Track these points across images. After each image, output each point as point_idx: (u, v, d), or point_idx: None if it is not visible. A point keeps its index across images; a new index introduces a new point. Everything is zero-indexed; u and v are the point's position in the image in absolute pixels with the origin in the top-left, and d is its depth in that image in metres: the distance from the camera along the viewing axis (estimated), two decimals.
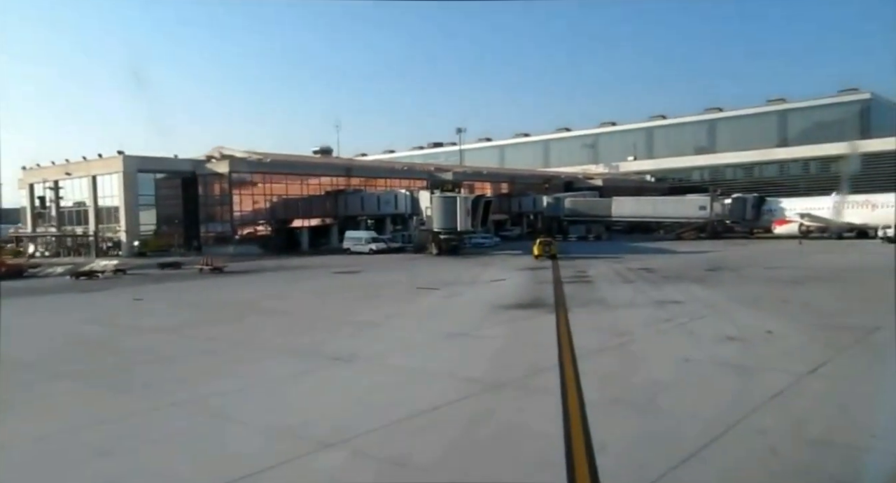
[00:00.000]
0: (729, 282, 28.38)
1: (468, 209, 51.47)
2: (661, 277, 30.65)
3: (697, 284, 27.20)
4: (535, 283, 30.16)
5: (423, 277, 35.15)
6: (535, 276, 33.88)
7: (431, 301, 24.26)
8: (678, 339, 15.90)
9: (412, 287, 29.18)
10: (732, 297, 23.05)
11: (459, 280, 32.34)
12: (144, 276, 40.87)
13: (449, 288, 28.77)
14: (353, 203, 71.28)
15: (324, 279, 35.41)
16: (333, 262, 48.14)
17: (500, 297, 24.61)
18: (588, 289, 26.98)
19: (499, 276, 33.62)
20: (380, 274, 38.21)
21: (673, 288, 26.33)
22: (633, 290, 26.24)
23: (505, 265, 41.97)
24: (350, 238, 61.30)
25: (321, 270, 40.98)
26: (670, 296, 23.73)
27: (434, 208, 53.25)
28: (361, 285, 31.37)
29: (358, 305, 23.86)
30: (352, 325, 19.40)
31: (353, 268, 42.21)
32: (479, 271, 37.70)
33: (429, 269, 40.85)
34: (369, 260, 50.39)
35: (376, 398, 11.29)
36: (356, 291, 28.61)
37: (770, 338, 15.56)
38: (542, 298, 24.33)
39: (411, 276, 36.06)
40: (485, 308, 21.83)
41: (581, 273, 34.16)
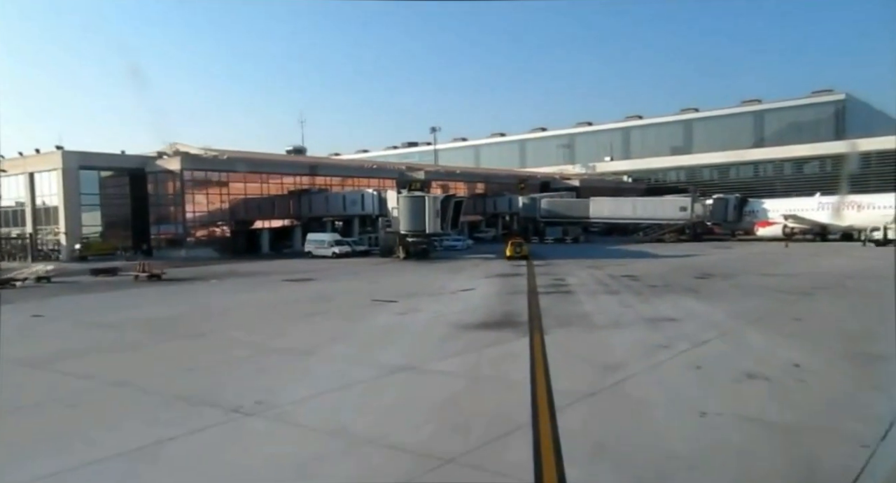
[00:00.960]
0: (725, 292, 25.14)
1: (437, 210, 47.74)
2: (648, 286, 27.35)
3: (690, 296, 23.91)
4: (507, 293, 26.61)
5: (383, 287, 31.41)
6: (507, 284, 30.36)
7: (384, 319, 20.51)
8: (685, 377, 12.42)
9: (367, 299, 25.40)
10: (734, 312, 19.74)
11: (423, 290, 28.65)
12: (71, 284, 36.35)
13: (409, 300, 25.06)
14: (318, 203, 67.09)
15: (270, 289, 31.41)
16: (289, 268, 44.07)
17: (466, 313, 21.01)
18: (567, 301, 23.52)
19: (468, 285, 30.02)
20: (335, 282, 34.34)
21: (663, 300, 23.01)
22: (619, 303, 22.83)
23: (476, 271, 38.42)
24: (312, 241, 57.15)
25: (272, 277, 36.93)
26: (662, 311, 20.37)
27: (401, 209, 49.42)
28: (310, 297, 27.48)
29: (295, 325, 20.02)
30: (277, 355, 15.58)
31: (309, 274, 38.24)
32: (446, 279, 34.07)
33: (391, 277, 37.08)
34: (330, 265, 46.40)
35: None
36: (301, 305, 24.72)
37: (799, 374, 12.18)
38: (515, 314, 20.76)
39: (370, 284, 32.27)
40: (445, 329, 18.19)
41: (559, 281, 30.73)
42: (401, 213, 49.47)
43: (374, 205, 60.06)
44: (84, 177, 58.87)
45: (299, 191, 69.19)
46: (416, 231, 49.01)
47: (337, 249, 54.59)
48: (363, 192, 64.20)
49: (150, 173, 60.69)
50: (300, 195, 68.48)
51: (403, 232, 49.75)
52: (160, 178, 61.22)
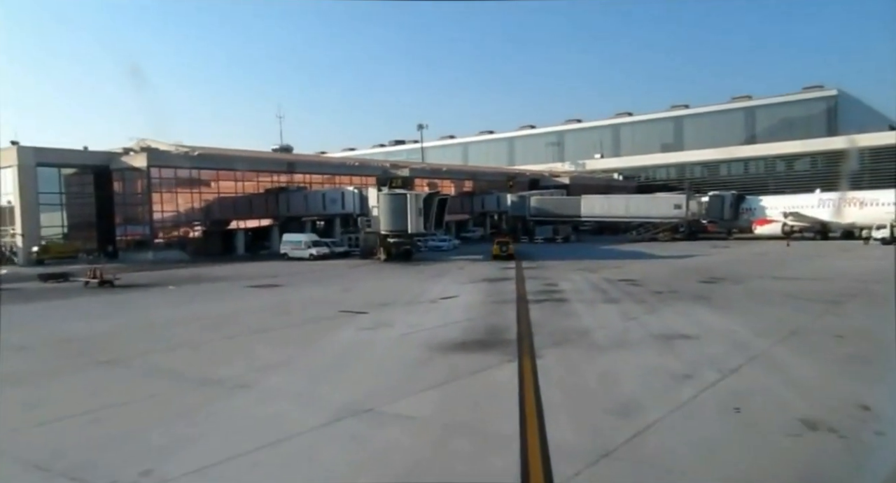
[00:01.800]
0: (739, 300, 22.23)
1: (420, 208, 44.59)
2: (651, 293, 24.39)
3: (701, 305, 20.98)
4: (493, 302, 23.54)
5: (356, 294, 28.25)
6: (494, 290, 27.30)
7: (348, 337, 17.36)
8: (722, 425, 9.41)
9: (334, 310, 22.22)
10: (759, 327, 16.78)
11: (400, 298, 25.52)
12: (14, 291, 32.78)
13: (381, 311, 21.95)
14: (296, 202, 63.75)
15: (229, 297, 28.13)
16: (260, 271, 40.79)
17: (445, 328, 17.93)
18: (561, 312, 20.48)
19: (450, 292, 26.93)
20: (304, 288, 31.13)
21: (671, 311, 20.05)
22: (621, 314, 19.83)
23: (461, 275, 35.35)
24: (288, 242, 53.79)
25: (237, 283, 33.62)
26: (673, 325, 17.41)
27: (381, 208, 46.22)
28: (271, 307, 24.24)
29: (241, 345, 16.82)
30: (201, 391, 12.38)
31: (278, 279, 35.01)
32: (428, 284, 30.98)
33: (368, 281, 33.94)
34: (305, 268, 43.13)
35: None
36: (256, 318, 21.52)
37: (875, 422, 9.22)
38: (501, 329, 17.69)
39: (342, 291, 29.07)
40: (417, 351, 15.09)
41: (551, 286, 27.72)
42: (381, 211, 46.30)
43: (355, 203, 56.90)
44: (45, 174, 55.13)
45: (277, 189, 65.79)
46: (397, 231, 45.86)
47: (314, 251, 51.33)
48: (343, 190, 60.96)
49: (116, 170, 56.99)
50: (277, 194, 65.09)
51: (384, 232, 46.57)
52: (127, 175, 57.52)
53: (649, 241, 64.59)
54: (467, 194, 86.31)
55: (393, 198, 45.58)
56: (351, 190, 59.16)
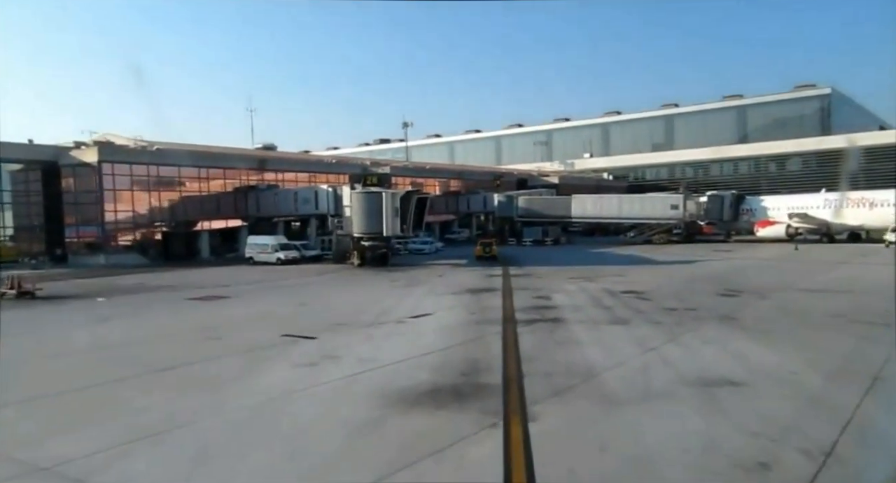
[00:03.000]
0: (776, 321, 18.09)
1: (396, 208, 40.17)
2: (664, 310, 20.19)
3: (732, 328, 16.84)
4: (474, 322, 19.23)
5: (313, 309, 23.84)
6: (477, 305, 23.00)
7: (271, 382, 12.83)
8: None
9: (276, 334, 17.79)
10: (825, 367, 12.61)
11: (362, 315, 21.13)
12: None
13: (333, 336, 17.58)
14: (267, 201, 59.06)
15: (161, 313, 23.54)
16: (215, 279, 36.24)
17: (407, 365, 13.65)
18: (558, 339, 16.21)
19: (424, 307, 22.62)
20: (256, 301, 26.65)
21: (698, 337, 15.86)
22: (634, 341, 15.59)
23: (440, 283, 31.06)
24: (253, 245, 49.15)
25: (180, 294, 29.05)
26: (708, 361, 13.27)
27: (354, 207, 41.76)
28: (202, 328, 19.67)
29: (119, 396, 12.20)
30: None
31: (229, 289, 30.53)
32: (400, 295, 26.64)
33: (333, 292, 29.53)
34: (267, 275, 38.58)
35: None
36: (176, 345, 17.04)
37: None
38: (482, 368, 13.39)
39: (297, 306, 24.61)
40: (362, 406, 10.78)
41: (543, 300, 23.48)
42: (354, 212, 41.84)
43: (329, 203, 52.35)
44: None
45: (246, 187, 61.07)
46: (371, 233, 41.42)
47: (282, 255, 46.75)
48: (317, 188, 56.36)
49: (65, 166, 51.96)
50: (247, 192, 60.36)
51: (357, 234, 42.10)
52: (78, 172, 52.51)
53: (643, 243, 60.79)
54: (452, 194, 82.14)
55: (367, 197, 41.13)
56: (325, 189, 54.57)
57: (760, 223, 57.15)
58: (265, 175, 64.28)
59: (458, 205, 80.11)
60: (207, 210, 59.77)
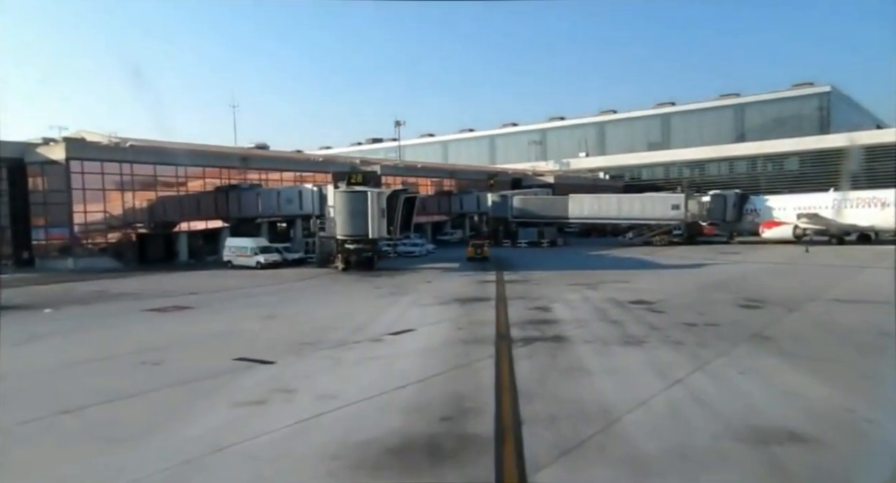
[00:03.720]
0: (819, 342, 15.41)
1: (382, 208, 37.37)
2: (683, 326, 17.50)
3: (769, 351, 14.16)
4: (462, 342, 16.48)
5: (281, 323, 21.01)
6: (466, 318, 20.27)
7: (200, 432, 10.01)
8: None
9: (229, 358, 15.02)
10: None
11: (334, 332, 18.38)
12: None
13: (295, 360, 14.83)
14: (248, 201, 55.99)
15: (109, 328, 20.66)
16: (185, 285, 33.34)
17: (373, 407, 10.91)
18: (562, 366, 13.48)
19: (407, 320, 19.90)
20: (220, 313, 23.77)
21: (731, 363, 13.16)
22: (654, 370, 12.88)
23: (428, 291, 28.32)
24: (232, 247, 46.20)
25: (142, 303, 26.16)
26: (753, 400, 10.60)
27: (337, 207, 38.93)
28: (146, 349, 16.77)
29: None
30: None
31: (197, 298, 27.68)
32: (380, 306, 23.87)
33: (308, 302, 26.70)
34: (242, 280, 35.75)
35: None
36: (108, 373, 14.25)
37: None
38: (468, 409, 10.65)
39: (264, 319, 21.76)
40: (305, 475, 8.00)
41: (542, 313, 20.78)
42: (337, 212, 39.00)
43: (314, 203, 49.36)
44: None
45: (227, 187, 58.05)
46: (356, 235, 38.59)
47: (262, 258, 43.85)
48: (301, 188, 53.38)
49: (32, 164, 48.86)
50: (228, 192, 57.35)
51: (341, 237, 39.25)
52: (47, 170, 49.40)
53: (643, 244, 58.24)
54: (445, 194, 79.37)
55: (351, 196, 38.28)
56: (309, 188, 51.63)
57: (766, 224, 54.62)
58: (249, 174, 61.36)
59: (450, 205, 77.33)
60: (187, 211, 56.76)
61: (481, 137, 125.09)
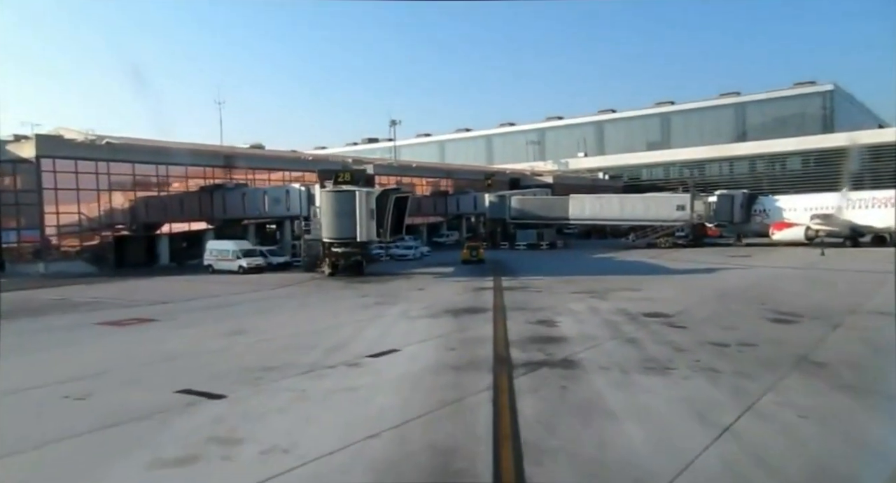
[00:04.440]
0: (881, 371, 12.87)
1: (372, 209, 34.76)
2: (713, 347, 14.93)
3: (828, 383, 11.60)
4: (452, 367, 13.87)
5: (248, 340, 18.36)
6: (459, 335, 17.72)
7: None
8: None
9: (171, 389, 12.44)
10: None
11: (305, 352, 15.80)
12: None
13: (249, 393, 12.26)
14: (233, 202, 53.48)
15: (41, 349, 17.88)
16: (155, 292, 30.79)
17: (332, 467, 8.34)
18: (576, 404, 10.93)
19: (392, 338, 17.36)
20: (183, 327, 21.13)
21: (785, 403, 10.56)
22: (690, 409, 10.33)
23: (419, 299, 25.78)
24: (213, 251, 43.54)
25: (102, 313, 23.61)
26: (835, 460, 8.03)
27: (323, 208, 36.34)
28: (66, 380, 13.92)
29: None
30: None
31: (165, 308, 25.08)
32: (364, 319, 21.29)
33: (284, 313, 24.10)
34: (220, 286, 33.17)
35: None
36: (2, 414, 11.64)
37: None
38: (457, 472, 8.10)
39: (231, 334, 19.13)
40: None
41: (545, 327, 18.25)
42: (323, 213, 36.41)
43: (302, 203, 46.91)
44: None
45: (212, 186, 55.48)
46: (343, 238, 35.99)
47: (244, 262, 41.23)
48: (288, 187, 50.91)
49: (2, 163, 46.13)
50: (212, 192, 54.76)
51: (327, 239, 36.65)
52: (19, 169, 46.74)
53: (646, 247, 55.82)
54: (441, 194, 76.88)
55: (338, 196, 35.65)
56: (297, 188, 49.16)
57: (776, 225, 52.17)
58: (235, 174, 58.72)
59: (446, 206, 74.90)
60: (170, 212, 54.21)
61: (478, 137, 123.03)
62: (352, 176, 37.60)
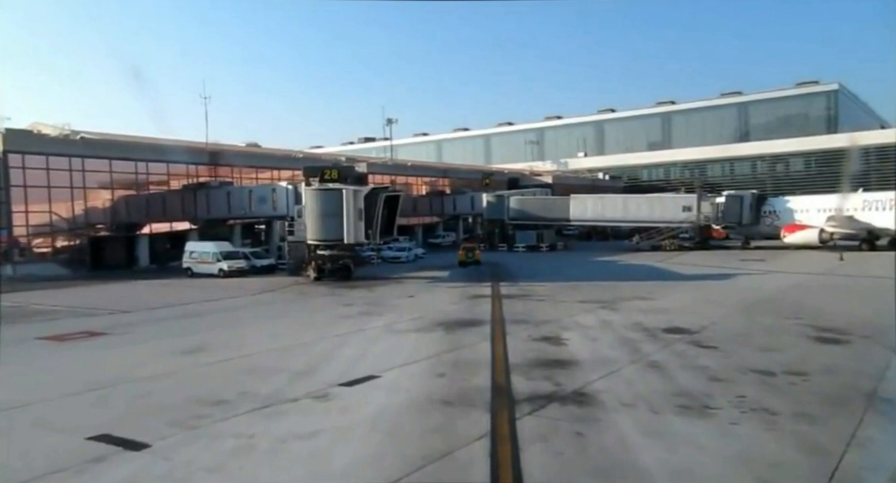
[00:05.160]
0: None
1: (360, 208, 32.12)
2: (753, 375, 12.37)
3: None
4: (440, 402, 11.31)
5: (208, 359, 15.72)
6: (451, 355, 15.12)
7: None
8: None
9: (86, 434, 9.89)
10: None
11: (263, 380, 13.22)
12: None
13: (180, 440, 9.68)
14: (218, 201, 50.68)
15: None
16: (122, 300, 28.16)
17: None
18: (597, 460, 8.37)
19: (370, 360, 14.78)
20: (136, 342, 18.46)
21: (877, 466, 8.07)
22: (750, 472, 7.78)
23: (408, 309, 23.20)
24: (192, 253, 40.86)
25: (46, 325, 20.98)
26: None
27: (308, 208, 33.70)
28: None
29: None
30: None
31: (125, 318, 22.48)
32: (343, 334, 18.68)
33: (256, 324, 21.47)
34: (193, 292, 30.49)
35: None
36: None
37: None
38: None
39: (191, 352, 16.52)
40: None
41: (552, 345, 15.70)
42: (308, 213, 33.76)
43: (289, 202, 44.18)
44: None
45: (195, 185, 52.77)
46: (329, 240, 33.36)
47: (225, 265, 38.53)
48: (275, 186, 48.15)
49: None
50: (196, 191, 52.05)
51: (312, 241, 34.01)
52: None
53: (651, 249, 53.35)
54: (437, 194, 74.33)
55: (323, 195, 33.01)
56: (284, 186, 46.38)
57: (788, 227, 49.65)
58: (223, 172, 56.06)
59: (442, 206, 72.33)
60: (152, 211, 51.57)
61: (476, 137, 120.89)
62: (339, 173, 34.95)
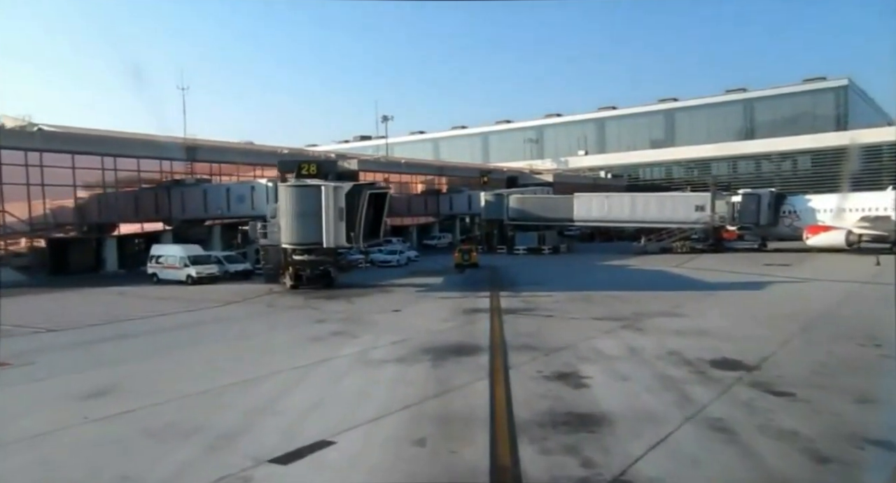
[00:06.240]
0: None
1: (341, 208, 28.12)
2: (869, 448, 8.54)
3: None
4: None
5: (108, 411, 11.73)
6: (435, 400, 11.24)
7: None
8: None
9: None
10: None
11: (162, 456, 9.30)
12: None
13: None
14: (193, 200, 46.76)
15: None
16: (61, 313, 24.19)
17: None
18: None
19: (328, 412, 10.89)
20: (21, 386, 14.42)
21: None
22: None
23: (391, 330, 19.25)
24: (158, 257, 36.89)
25: None
26: None
27: (282, 207, 29.68)
28: None
29: None
30: None
31: (30, 345, 18.53)
32: (304, 366, 14.73)
33: (203, 349, 17.52)
34: (148, 304, 26.54)
35: None
36: None
37: None
38: None
39: (94, 396, 12.60)
40: None
41: (569, 388, 11.78)
42: (282, 213, 29.75)
43: (269, 201, 40.31)
44: None
45: (169, 182, 48.85)
46: (306, 244, 29.40)
47: (193, 271, 34.62)
48: (254, 183, 44.35)
49: None
50: (170, 188, 48.10)
51: (287, 245, 30.02)
52: None
53: (661, 252, 49.56)
54: (433, 193, 70.48)
55: (299, 192, 29.00)
56: (264, 183, 42.58)
57: (811, 228, 45.76)
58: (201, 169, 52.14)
59: (438, 205, 68.45)
60: (123, 211, 47.60)
61: (474, 135, 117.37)
62: (319, 168, 30.94)
